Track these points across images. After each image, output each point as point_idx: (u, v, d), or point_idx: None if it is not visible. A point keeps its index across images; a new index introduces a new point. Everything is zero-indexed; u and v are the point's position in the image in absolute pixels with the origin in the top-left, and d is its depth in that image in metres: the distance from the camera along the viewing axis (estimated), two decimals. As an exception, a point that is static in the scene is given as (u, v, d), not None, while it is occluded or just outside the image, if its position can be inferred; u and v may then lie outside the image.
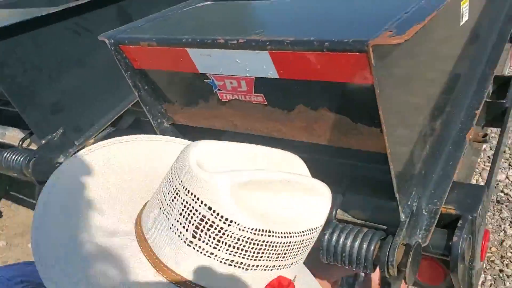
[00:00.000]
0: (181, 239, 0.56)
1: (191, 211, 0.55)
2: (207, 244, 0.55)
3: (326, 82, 0.79)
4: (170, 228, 0.57)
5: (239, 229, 0.54)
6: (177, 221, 0.56)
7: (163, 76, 1.03)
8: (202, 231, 0.55)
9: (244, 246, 0.55)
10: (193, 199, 0.55)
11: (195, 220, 0.55)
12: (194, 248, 0.56)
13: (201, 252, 0.56)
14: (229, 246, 0.55)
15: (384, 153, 0.81)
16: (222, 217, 0.54)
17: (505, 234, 1.97)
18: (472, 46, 1.31)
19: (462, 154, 1.13)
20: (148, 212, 0.63)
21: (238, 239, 0.55)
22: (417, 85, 0.92)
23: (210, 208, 0.54)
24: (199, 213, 0.55)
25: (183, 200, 0.56)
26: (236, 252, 0.55)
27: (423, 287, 1.23)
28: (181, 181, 0.57)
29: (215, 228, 0.54)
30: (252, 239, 0.55)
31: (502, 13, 1.61)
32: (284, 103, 0.90)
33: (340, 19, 0.89)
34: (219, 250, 0.55)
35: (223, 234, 0.54)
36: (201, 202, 0.55)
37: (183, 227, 0.56)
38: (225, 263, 0.56)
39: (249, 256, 0.56)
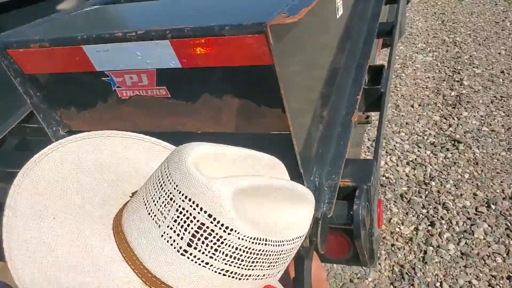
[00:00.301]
0: (175, 248, 0.53)
1: (188, 218, 0.52)
2: (203, 253, 0.52)
3: (228, 68, 0.83)
4: (162, 236, 0.53)
5: (238, 238, 0.52)
6: (171, 228, 0.53)
7: (57, 80, 0.99)
8: (199, 239, 0.52)
9: (241, 255, 0.53)
10: (191, 206, 0.52)
11: (192, 228, 0.52)
12: (188, 258, 0.53)
13: (195, 262, 0.53)
14: (226, 255, 0.53)
15: (286, 135, 0.87)
16: (222, 225, 0.51)
17: (392, 212, 2.17)
18: (348, 40, 1.45)
19: (350, 135, 1.24)
20: (131, 217, 0.58)
21: (236, 248, 0.53)
22: (310, 68, 1.00)
23: (210, 216, 0.51)
24: (198, 221, 0.52)
25: (179, 206, 0.52)
26: (232, 262, 0.53)
27: (331, 261, 1.32)
28: (177, 186, 0.53)
29: (214, 237, 0.52)
30: (249, 248, 0.53)
31: (368, 11, 1.80)
32: (188, 94, 0.92)
33: (234, 10, 0.94)
34: (215, 259, 0.53)
35: (222, 243, 0.52)
36: (201, 209, 0.51)
37: (178, 235, 0.52)
38: (219, 273, 0.54)
39: (244, 265, 0.54)
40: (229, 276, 0.54)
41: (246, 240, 0.52)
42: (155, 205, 0.55)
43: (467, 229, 2.04)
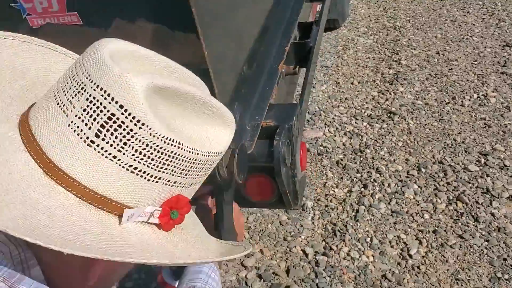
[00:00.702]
0: (81, 138, 0.50)
1: (98, 107, 0.50)
2: (111, 145, 0.50)
3: (139, -13, 0.81)
4: (69, 125, 0.50)
5: (150, 134, 0.50)
6: (79, 118, 0.50)
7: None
8: (108, 130, 0.50)
9: (151, 153, 0.51)
10: (102, 95, 0.49)
11: (101, 118, 0.49)
12: (95, 149, 0.50)
13: (102, 154, 0.50)
14: (136, 151, 0.51)
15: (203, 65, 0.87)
16: (133, 118, 0.49)
17: (327, 177, 2.21)
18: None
19: (276, 81, 1.26)
20: (38, 108, 0.55)
21: (147, 145, 0.51)
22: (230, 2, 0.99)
23: (121, 107, 0.49)
24: (108, 111, 0.49)
25: (89, 95, 0.50)
26: (141, 159, 0.51)
27: (257, 205, 1.33)
28: (89, 75, 0.51)
29: (124, 129, 0.50)
30: (160, 147, 0.52)
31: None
32: (101, 20, 0.89)
33: None
34: (123, 154, 0.51)
35: (132, 137, 0.50)
36: (112, 99, 0.49)
37: (86, 124, 0.50)
38: (127, 169, 0.51)
39: (154, 165, 0.52)
40: (137, 174, 0.52)
41: (157, 138, 0.51)
42: (64, 95, 0.52)
43: (398, 190, 2.12)
